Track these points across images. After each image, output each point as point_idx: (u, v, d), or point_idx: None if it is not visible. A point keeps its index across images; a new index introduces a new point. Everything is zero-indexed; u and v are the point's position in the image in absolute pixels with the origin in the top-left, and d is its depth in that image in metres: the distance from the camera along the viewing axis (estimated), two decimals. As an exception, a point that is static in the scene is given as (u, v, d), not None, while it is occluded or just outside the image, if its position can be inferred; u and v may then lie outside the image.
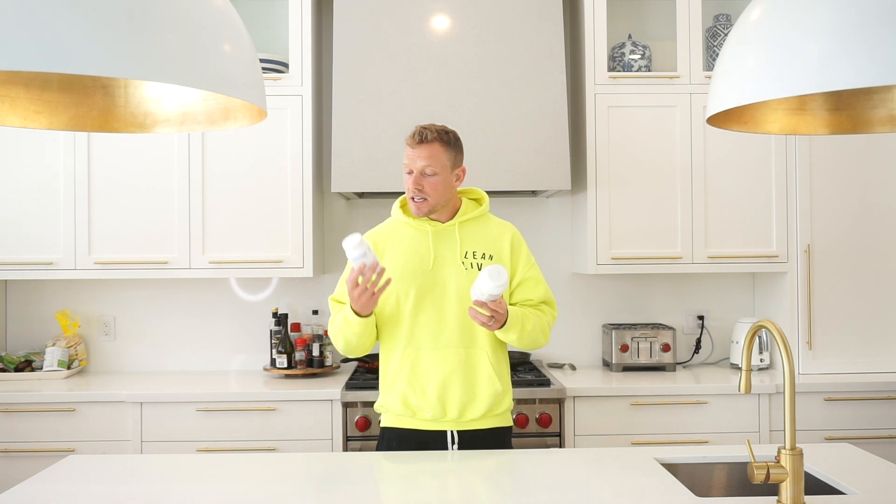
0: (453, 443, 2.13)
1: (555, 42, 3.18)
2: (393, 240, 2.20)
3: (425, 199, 2.11)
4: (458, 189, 2.24)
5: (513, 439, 2.80)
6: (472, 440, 2.13)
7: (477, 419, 2.14)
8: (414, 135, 2.12)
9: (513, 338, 2.09)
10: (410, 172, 2.11)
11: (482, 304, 1.97)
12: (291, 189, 3.23)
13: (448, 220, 2.19)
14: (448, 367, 2.11)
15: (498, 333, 2.09)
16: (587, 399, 2.98)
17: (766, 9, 1.26)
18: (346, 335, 2.12)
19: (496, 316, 2.00)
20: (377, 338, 2.20)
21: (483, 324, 2.00)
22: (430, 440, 2.14)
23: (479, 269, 2.13)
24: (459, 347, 2.12)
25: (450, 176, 2.14)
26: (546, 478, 1.81)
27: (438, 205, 2.14)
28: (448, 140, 2.13)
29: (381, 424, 2.22)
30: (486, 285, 1.93)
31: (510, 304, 2.17)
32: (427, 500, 1.68)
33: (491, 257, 2.16)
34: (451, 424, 2.13)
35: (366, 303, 2.01)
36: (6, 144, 3.19)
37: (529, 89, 3.14)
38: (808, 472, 1.88)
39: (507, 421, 2.22)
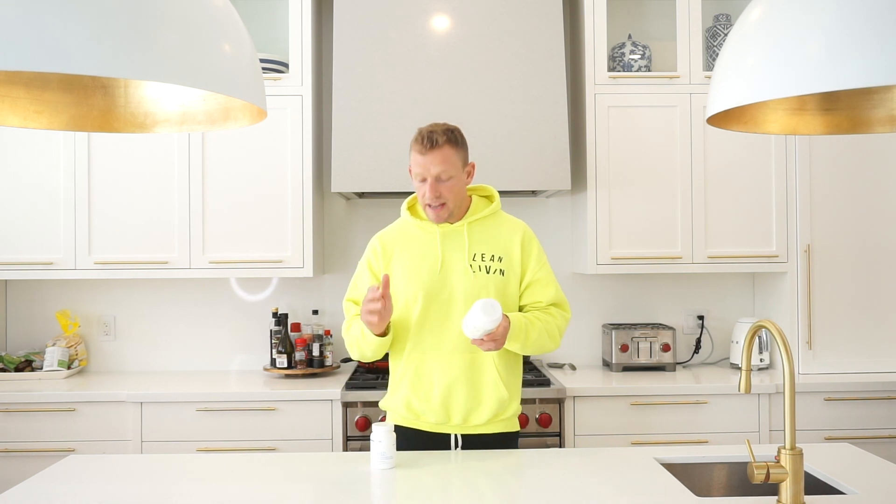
0: (457, 446, 2.11)
1: (555, 42, 3.18)
2: (402, 241, 2.16)
3: (444, 205, 2.06)
4: (468, 186, 2.18)
5: (513, 439, 2.80)
6: (476, 444, 2.11)
7: (481, 424, 2.11)
8: (422, 140, 2.02)
9: (516, 347, 2.04)
10: (424, 180, 2.04)
11: (479, 342, 1.93)
12: (291, 189, 3.23)
13: (458, 221, 2.13)
14: (453, 373, 2.08)
15: None
16: (587, 399, 2.98)
17: (766, 9, 1.25)
18: (362, 348, 2.10)
19: (496, 341, 1.95)
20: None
21: (488, 350, 1.97)
22: (433, 442, 2.12)
23: (488, 273, 2.09)
24: (465, 352, 2.08)
25: (462, 175, 2.09)
26: (546, 478, 1.81)
27: (457, 207, 2.10)
28: (456, 140, 2.06)
29: (387, 421, 2.22)
30: (480, 321, 1.87)
31: (520, 306, 2.15)
32: (428, 500, 1.68)
33: (500, 259, 2.11)
34: (455, 429, 2.11)
35: (372, 322, 1.98)
36: (6, 144, 3.19)
37: (529, 89, 3.14)
38: (808, 472, 1.88)
39: (514, 426, 2.18)
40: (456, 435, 2.11)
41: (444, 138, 2.02)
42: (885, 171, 3.20)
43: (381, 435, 1.89)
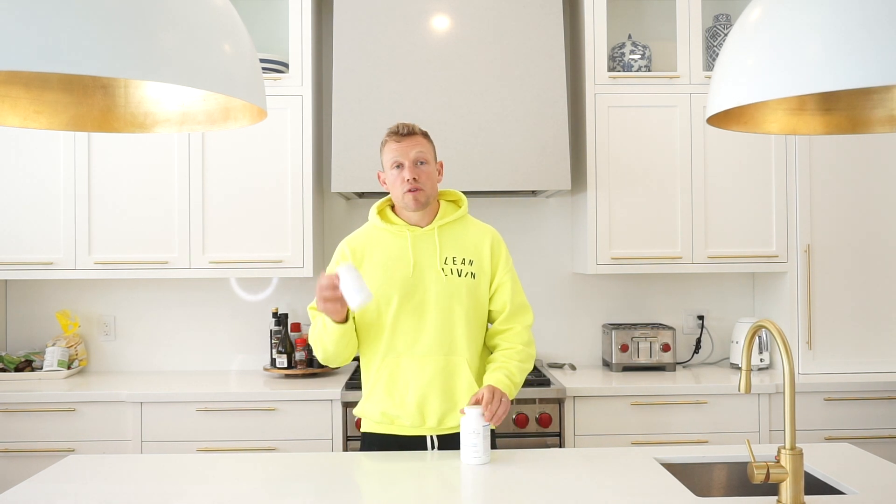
0: (433, 447, 2.11)
1: (555, 42, 3.18)
2: (372, 246, 2.15)
3: (422, 189, 2.08)
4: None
5: (513, 439, 2.81)
6: (452, 443, 2.10)
7: (456, 426, 2.10)
8: (398, 129, 2.10)
9: (513, 393, 2.08)
10: (399, 166, 2.08)
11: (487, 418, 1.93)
12: (291, 189, 3.23)
13: (428, 224, 2.14)
14: (427, 376, 2.07)
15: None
16: (587, 399, 2.98)
17: (766, 9, 1.26)
18: (325, 343, 2.07)
19: (494, 400, 1.96)
20: (357, 348, 2.16)
21: (504, 414, 1.97)
22: (410, 444, 2.12)
23: (459, 276, 2.09)
24: (438, 355, 2.08)
25: (435, 167, 2.14)
26: (546, 478, 1.81)
27: (431, 198, 2.12)
28: (427, 134, 2.15)
29: (362, 429, 2.20)
30: (473, 418, 1.91)
31: (490, 310, 2.17)
32: (432, 500, 1.68)
33: (471, 262, 2.12)
34: (430, 430, 2.11)
35: (331, 308, 1.96)
36: (6, 144, 3.19)
37: (529, 89, 3.14)
38: (808, 472, 1.88)
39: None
40: (432, 436, 2.12)
41: (418, 129, 2.13)
42: (885, 172, 3.20)
43: (345, 272, 1.89)
